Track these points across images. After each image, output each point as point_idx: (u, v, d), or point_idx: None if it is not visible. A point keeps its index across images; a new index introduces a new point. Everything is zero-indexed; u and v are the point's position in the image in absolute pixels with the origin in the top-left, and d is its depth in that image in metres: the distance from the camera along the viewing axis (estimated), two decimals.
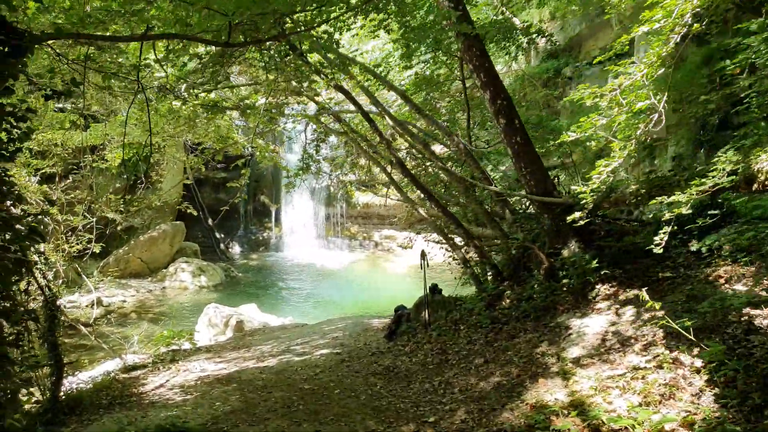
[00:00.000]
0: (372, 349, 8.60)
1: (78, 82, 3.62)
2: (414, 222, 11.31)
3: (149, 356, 10.86)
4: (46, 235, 9.75)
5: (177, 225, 22.44)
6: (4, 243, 2.99)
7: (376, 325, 11.38)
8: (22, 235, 3.07)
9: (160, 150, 11.88)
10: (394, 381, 6.65)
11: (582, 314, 6.38)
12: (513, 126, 7.15)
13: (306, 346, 9.90)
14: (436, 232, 8.56)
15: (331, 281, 21.96)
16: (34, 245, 4.01)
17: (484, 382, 5.85)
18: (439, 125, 7.97)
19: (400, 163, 7.75)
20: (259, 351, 10.10)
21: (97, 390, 7.77)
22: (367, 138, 9.22)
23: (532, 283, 7.41)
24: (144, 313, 18.64)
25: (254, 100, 9.45)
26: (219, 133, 10.65)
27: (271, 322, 15.56)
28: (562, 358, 5.67)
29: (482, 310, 7.66)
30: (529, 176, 7.21)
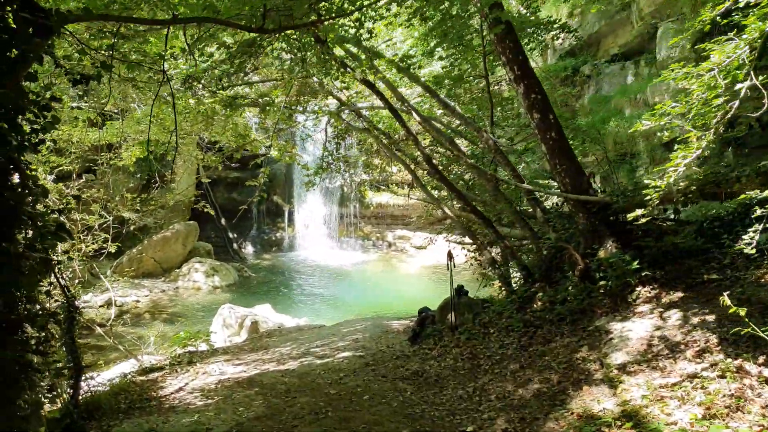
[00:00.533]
0: (396, 352, 8.32)
1: (107, 65, 3.37)
2: (433, 222, 11.02)
3: (166, 358, 10.64)
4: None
5: (190, 225, 22.28)
6: (29, 241, 2.75)
7: (396, 327, 11.10)
8: (48, 232, 2.83)
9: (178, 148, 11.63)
10: (424, 387, 6.36)
11: (623, 318, 6.07)
12: (548, 121, 6.85)
13: (326, 349, 9.63)
14: (463, 232, 8.26)
15: (345, 282, 21.72)
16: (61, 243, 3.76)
17: (523, 389, 5.55)
18: (466, 120, 7.68)
19: (428, 159, 7.46)
20: (278, 353, 9.84)
21: (115, 393, 7.54)
22: (389, 135, 8.94)
23: (566, 285, 7.10)
24: (157, 314, 18.48)
25: (275, 95, 9.21)
26: (236, 131, 10.41)
27: (286, 323, 15.33)
28: (605, 364, 5.36)
29: (513, 313, 7.36)
30: (564, 174, 6.90)
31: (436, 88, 12.01)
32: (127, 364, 11.26)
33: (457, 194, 7.57)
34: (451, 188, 7.56)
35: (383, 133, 8.91)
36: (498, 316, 7.69)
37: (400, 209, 25.24)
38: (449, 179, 9.13)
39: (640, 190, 6.66)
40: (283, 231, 26.33)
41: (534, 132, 7.05)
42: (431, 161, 7.51)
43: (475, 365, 6.61)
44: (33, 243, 2.76)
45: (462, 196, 7.60)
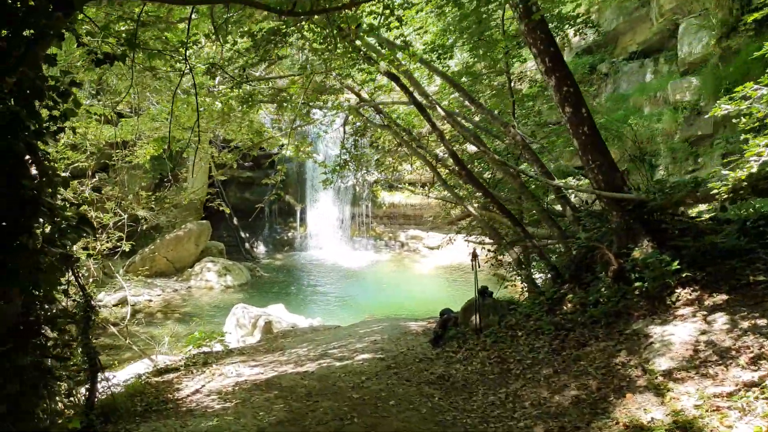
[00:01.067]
0: (418, 355, 8.04)
1: (132, 42, 3.13)
2: (451, 221, 10.72)
3: (180, 358, 10.42)
4: None
5: (203, 224, 22.11)
6: (48, 235, 2.51)
7: (415, 328, 10.82)
8: (69, 225, 2.58)
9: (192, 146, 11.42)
10: (452, 392, 6.08)
11: (662, 321, 5.76)
12: (580, 115, 6.55)
13: (344, 350, 9.37)
14: (485, 231, 7.96)
15: (357, 282, 21.46)
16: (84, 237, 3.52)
17: (559, 395, 5.26)
18: (492, 115, 7.40)
19: (454, 154, 7.17)
20: (295, 354, 9.59)
21: (130, 395, 7.31)
22: (409, 131, 8.66)
23: (599, 286, 6.79)
24: (170, 313, 18.30)
25: (292, 90, 8.97)
26: (252, 129, 10.18)
27: (300, 323, 15.10)
28: (648, 370, 5.06)
29: (543, 315, 7.06)
30: (597, 170, 6.60)
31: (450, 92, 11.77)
32: (141, 365, 11.04)
33: (483, 191, 7.27)
34: (476, 185, 7.26)
35: (403, 130, 8.64)
36: (525, 319, 7.39)
37: (413, 209, 24.96)
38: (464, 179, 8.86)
39: (681, 187, 6.36)
40: (295, 231, 26.11)
41: (566, 126, 6.74)
42: (457, 156, 7.21)
43: (505, 370, 6.32)
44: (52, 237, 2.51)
45: (488, 192, 7.30)
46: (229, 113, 9.80)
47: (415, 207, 24.84)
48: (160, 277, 21.19)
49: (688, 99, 16.50)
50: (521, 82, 11.23)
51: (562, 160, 16.07)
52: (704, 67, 16.00)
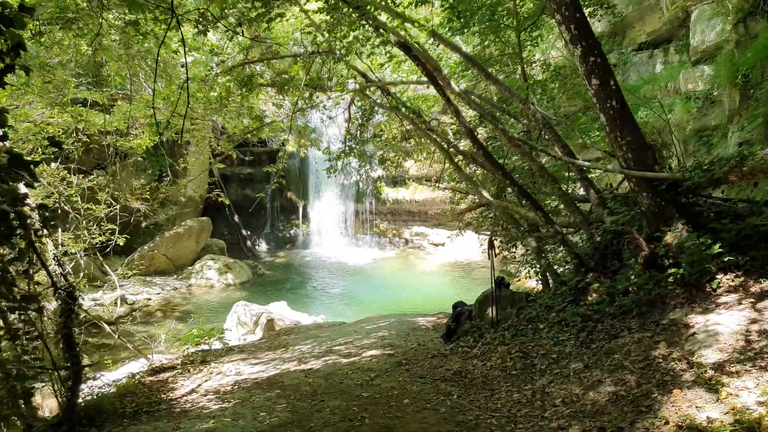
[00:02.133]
0: (430, 350, 7.47)
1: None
2: (462, 212, 10.15)
3: (178, 357, 9.86)
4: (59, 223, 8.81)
5: (203, 221, 21.56)
6: None
7: (424, 324, 10.26)
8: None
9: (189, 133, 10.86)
10: (472, 389, 5.50)
11: (704, 310, 5.18)
12: (608, 88, 5.97)
13: (351, 347, 8.81)
14: (501, 220, 7.39)
15: (361, 279, 20.90)
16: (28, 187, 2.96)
17: (594, 392, 4.68)
18: (510, 91, 6.82)
19: (471, 133, 6.58)
20: (299, 351, 9.03)
21: (120, 395, 6.75)
22: (419, 113, 8.10)
23: (628, 274, 6.21)
24: (169, 312, 17.78)
25: (294, 71, 8.41)
26: (252, 115, 9.61)
27: (303, 321, 14.55)
28: (695, 363, 4.48)
29: (566, 307, 6.47)
30: (626, 147, 6.01)
31: (462, 70, 11.19)
32: (136, 364, 10.50)
33: (502, 171, 6.69)
34: (494, 164, 6.68)
35: (413, 112, 8.07)
36: (546, 311, 6.81)
37: (418, 205, 24.38)
38: (481, 162, 8.28)
39: (722, 162, 5.80)
40: (298, 228, 25.56)
41: (592, 100, 6.17)
42: (473, 134, 6.62)
43: (528, 365, 5.74)
44: None
45: (508, 174, 6.72)
46: (227, 97, 9.24)
47: (419, 203, 24.26)
48: (159, 275, 20.65)
49: (701, 88, 15.93)
50: (532, 66, 10.66)
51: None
52: (718, 56, 15.42)
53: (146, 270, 20.55)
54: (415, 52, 6.59)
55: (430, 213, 24.47)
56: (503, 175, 6.65)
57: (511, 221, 7.28)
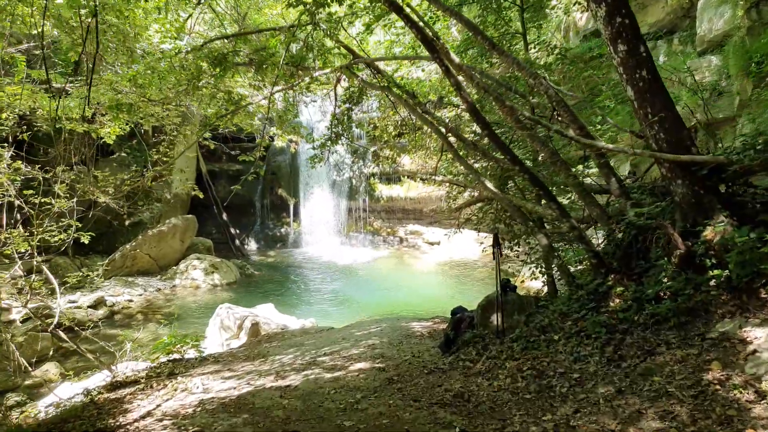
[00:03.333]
0: (426, 363, 6.44)
1: None
2: (459, 208, 9.12)
3: (144, 368, 8.82)
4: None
5: (188, 219, 20.46)
6: None
7: (419, 330, 9.24)
8: None
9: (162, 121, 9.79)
10: (478, 418, 4.46)
11: (762, 321, 4.17)
12: (637, 54, 4.96)
13: (337, 357, 7.78)
14: (508, 213, 6.35)
15: (354, 279, 19.85)
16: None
17: (634, 428, 3.66)
18: (519, 64, 5.80)
19: (474, 109, 5.52)
20: (279, 363, 7.99)
21: (63, 420, 5.71)
22: (413, 94, 7.07)
23: (659, 276, 5.20)
24: (151, 314, 16.71)
25: (272, 46, 7.38)
26: (231, 100, 8.55)
27: (291, 324, 13.50)
28: (766, 393, 3.47)
29: (588, 314, 5.46)
30: (658, 126, 5.00)
31: (460, 56, 10.19)
32: (99, 376, 9.45)
33: (511, 157, 5.66)
34: (502, 148, 5.64)
35: (406, 92, 7.05)
36: (561, 318, 5.79)
37: (412, 203, 23.36)
38: (483, 150, 7.25)
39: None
40: (288, 226, 24.48)
41: (617, 71, 5.15)
42: (478, 111, 5.56)
43: (545, 387, 4.71)
44: None
45: (517, 160, 5.69)
46: (199, 78, 8.19)
47: (414, 200, 23.23)
48: (142, 275, 19.58)
49: (709, 79, 14.97)
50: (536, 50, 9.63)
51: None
52: (727, 44, 14.46)
53: (128, 270, 19.51)
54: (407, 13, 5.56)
55: (425, 211, 23.45)
56: (512, 161, 5.62)
57: (520, 216, 6.25)
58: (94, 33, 7.37)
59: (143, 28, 10.49)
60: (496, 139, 5.62)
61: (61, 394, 9.47)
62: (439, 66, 5.44)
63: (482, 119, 5.56)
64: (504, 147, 5.67)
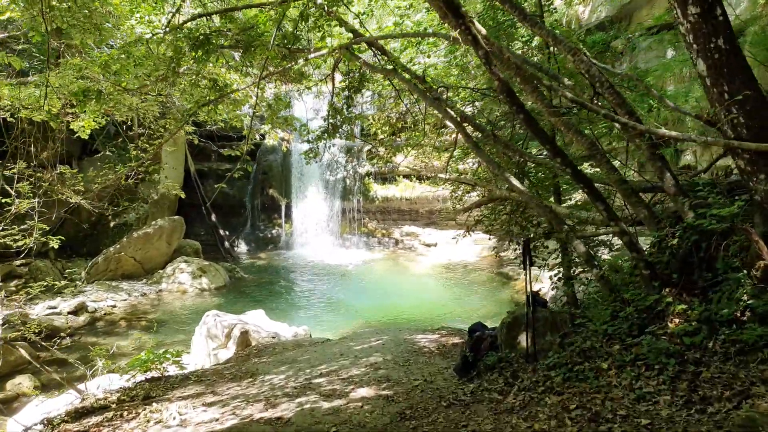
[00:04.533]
0: (443, 392, 5.37)
1: None
2: (469, 208, 8.07)
3: (118, 389, 7.70)
4: None
5: (175, 220, 19.28)
6: None
7: (425, 344, 8.19)
8: None
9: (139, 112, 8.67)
10: None
11: None
12: (713, 18, 3.95)
13: (335, 379, 6.70)
14: (541, 215, 5.30)
15: (348, 283, 18.77)
16: None
17: None
18: (556, 38, 4.77)
19: (508, 89, 4.44)
20: (269, 385, 6.90)
21: None
22: (423, 78, 6.02)
23: (734, 292, 4.18)
24: (135, 321, 15.54)
25: (261, 23, 6.30)
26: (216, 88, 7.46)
27: (282, 332, 12.39)
28: None
29: (637, 337, 4.41)
30: (738, 108, 3.99)
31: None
32: (67, 397, 8.32)
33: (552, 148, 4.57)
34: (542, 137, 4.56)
35: (415, 76, 6.01)
36: (606, 342, 4.76)
37: (408, 203, 22.30)
38: (505, 142, 6.20)
39: None
40: (280, 227, 23.33)
41: (685, 40, 4.12)
42: (513, 92, 4.48)
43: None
44: None
45: (559, 150, 4.60)
46: (179, 61, 7.08)
47: (410, 201, 22.17)
48: (127, 279, 18.39)
49: None
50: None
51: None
52: (745, 35, 13.55)
53: (112, 274, 18.31)
54: None
55: (422, 211, 22.41)
56: (552, 152, 4.56)
57: (553, 218, 5.20)
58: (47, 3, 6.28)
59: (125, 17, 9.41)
60: (533, 125, 4.58)
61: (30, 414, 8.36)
62: (463, 38, 4.38)
63: (517, 101, 4.50)
64: (543, 135, 4.63)
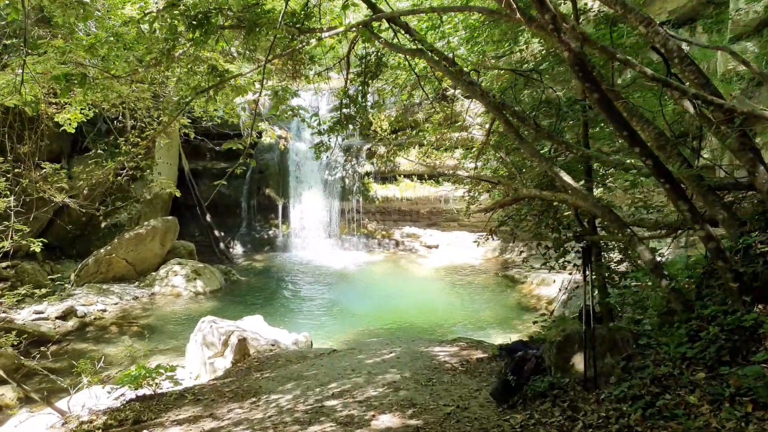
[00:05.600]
0: (484, 424, 4.50)
1: None
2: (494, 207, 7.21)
3: (105, 409, 6.78)
4: None
5: (169, 221, 18.31)
6: None
7: (445, 358, 7.32)
8: None
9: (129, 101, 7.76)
10: None
11: None
12: None
13: (350, 401, 5.82)
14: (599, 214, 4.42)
15: (348, 286, 17.89)
16: None
17: None
18: (626, 6, 3.94)
19: (581, 62, 3.51)
20: (275, 407, 6.01)
21: None
22: (453, 61, 5.16)
23: None
24: (126, 326, 14.60)
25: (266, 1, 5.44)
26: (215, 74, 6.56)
27: (282, 339, 11.49)
28: None
29: (729, 364, 3.58)
30: None
31: None
32: (52, 418, 7.39)
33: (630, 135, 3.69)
34: (619, 122, 3.68)
35: (444, 58, 5.16)
36: (686, 366, 3.92)
37: (409, 203, 21.43)
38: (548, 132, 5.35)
39: None
40: (277, 228, 22.38)
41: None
42: (586, 67, 3.57)
43: None
44: None
45: (638, 139, 3.73)
46: (174, 42, 6.18)
47: (411, 201, 21.31)
48: (118, 282, 17.40)
49: (743, 68, 13.30)
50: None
51: None
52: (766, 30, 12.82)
53: (103, 277, 17.30)
54: None
55: (423, 212, 21.56)
56: (630, 141, 3.68)
57: (615, 221, 4.34)
58: None
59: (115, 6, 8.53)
60: (609, 108, 3.72)
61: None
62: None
63: (592, 77, 3.64)
64: (620, 119, 3.77)
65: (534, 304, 14.57)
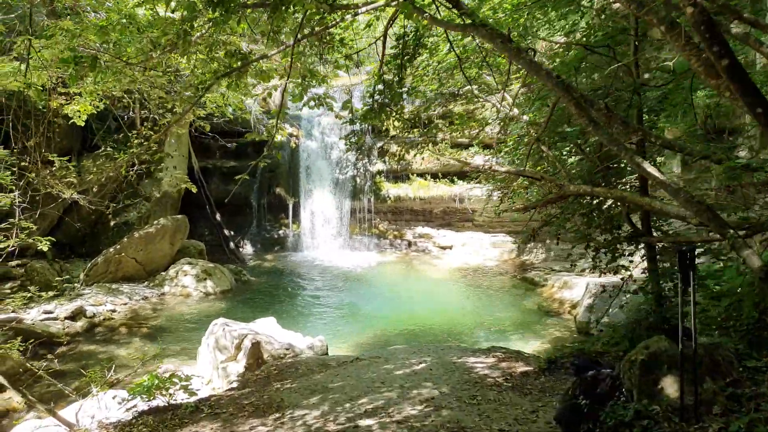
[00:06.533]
0: None
1: None
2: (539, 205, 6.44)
3: (115, 422, 6.05)
4: None
5: (179, 220, 17.58)
6: None
7: (485, 371, 6.55)
8: None
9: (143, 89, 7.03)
10: None
11: None
12: None
13: (387, 421, 5.08)
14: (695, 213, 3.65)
15: (361, 287, 17.14)
16: None
17: None
18: None
19: (704, 18, 2.84)
20: (302, 425, 5.27)
21: None
22: (507, 35, 4.43)
23: None
24: (136, 327, 13.86)
25: None
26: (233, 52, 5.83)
27: (297, 343, 10.74)
28: None
29: None
30: None
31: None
32: (58, 429, 6.67)
33: (765, 115, 2.98)
34: (753, 96, 2.95)
35: (499, 35, 4.42)
36: None
37: (422, 203, 20.68)
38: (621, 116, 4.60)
39: None
40: (288, 228, 21.64)
41: None
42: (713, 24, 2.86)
43: None
44: None
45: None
46: (191, 23, 5.44)
47: (424, 201, 20.55)
48: (127, 281, 16.68)
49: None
50: None
51: None
52: None
53: (113, 276, 16.58)
54: None
55: (436, 212, 20.80)
56: (764, 118, 3.01)
57: (715, 221, 3.60)
58: None
59: None
60: (742, 77, 2.97)
61: None
62: None
63: (722, 39, 2.88)
64: (755, 92, 3.02)
65: (556, 309, 13.77)
